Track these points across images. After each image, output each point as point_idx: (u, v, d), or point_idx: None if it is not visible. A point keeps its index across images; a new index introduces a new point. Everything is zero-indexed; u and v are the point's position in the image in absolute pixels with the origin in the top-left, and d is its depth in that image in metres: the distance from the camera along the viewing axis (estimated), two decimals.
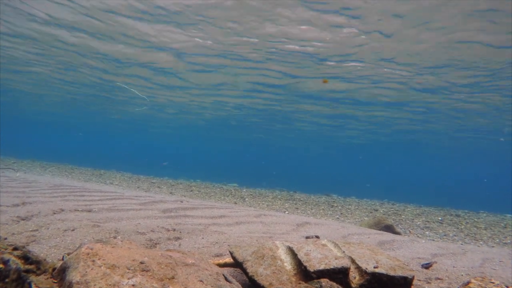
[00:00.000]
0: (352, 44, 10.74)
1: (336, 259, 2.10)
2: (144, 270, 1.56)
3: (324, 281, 1.85)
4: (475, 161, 36.86)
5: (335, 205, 11.43)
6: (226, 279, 1.84)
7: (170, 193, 10.28)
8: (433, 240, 6.15)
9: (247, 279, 2.32)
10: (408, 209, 12.00)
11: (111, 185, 10.22)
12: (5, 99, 29.68)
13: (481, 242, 6.56)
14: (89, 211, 4.35)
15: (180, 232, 3.73)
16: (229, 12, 9.50)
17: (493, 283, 1.96)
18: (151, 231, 3.62)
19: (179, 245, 3.26)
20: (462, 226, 8.61)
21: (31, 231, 3.14)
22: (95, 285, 1.37)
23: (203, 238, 3.60)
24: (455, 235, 7.24)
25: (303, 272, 2.04)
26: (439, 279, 2.82)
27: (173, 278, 1.59)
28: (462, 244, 5.54)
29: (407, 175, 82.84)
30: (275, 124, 27.97)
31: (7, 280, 1.12)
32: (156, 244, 3.21)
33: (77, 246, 2.82)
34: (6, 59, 16.13)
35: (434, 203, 17.14)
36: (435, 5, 7.98)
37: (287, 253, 2.27)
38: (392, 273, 2.03)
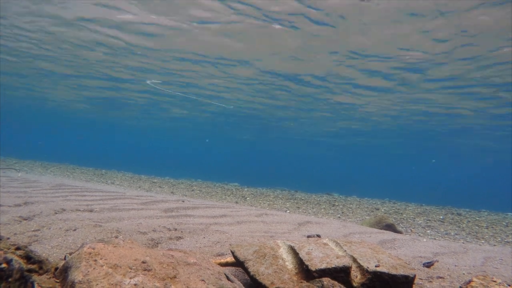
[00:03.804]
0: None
1: (337, 258, 2.10)
2: (146, 270, 1.56)
3: (326, 280, 1.85)
4: (476, 160, 36.78)
5: (336, 204, 11.43)
6: (227, 278, 1.84)
7: (172, 192, 10.29)
8: (435, 239, 6.14)
9: (248, 278, 2.32)
10: (409, 208, 11.99)
11: (112, 185, 10.24)
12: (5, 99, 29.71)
13: (482, 241, 6.55)
14: (91, 211, 4.36)
15: (182, 231, 3.74)
16: None
17: (495, 281, 1.96)
18: (153, 230, 3.62)
19: (181, 244, 3.27)
20: (464, 225, 8.60)
21: (33, 231, 3.15)
22: (97, 284, 1.37)
23: (204, 237, 3.60)
24: (457, 234, 7.23)
25: (305, 271, 2.04)
26: (440, 277, 2.81)
27: (175, 277, 1.59)
28: (463, 243, 5.53)
29: (408, 174, 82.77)
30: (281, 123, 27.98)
31: (10, 279, 1.12)
32: (157, 243, 3.21)
33: (79, 246, 2.83)
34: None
35: (435, 202, 17.13)
36: None
37: (289, 252, 2.27)
38: (393, 272, 2.03)
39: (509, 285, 1.91)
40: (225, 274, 1.87)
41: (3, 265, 1.11)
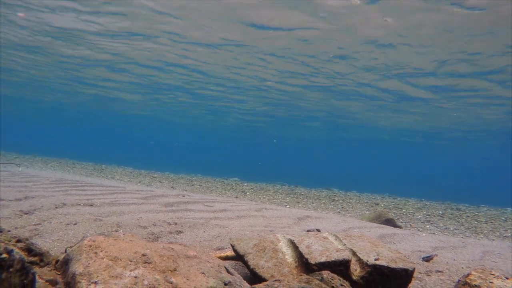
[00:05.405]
0: None
1: (337, 251, 2.11)
2: (146, 262, 1.57)
3: (325, 273, 1.86)
4: (476, 155, 36.78)
5: (336, 199, 11.46)
6: (227, 271, 1.85)
7: (172, 187, 10.31)
8: (434, 233, 6.16)
9: (248, 271, 2.33)
10: (409, 203, 12.02)
11: (113, 180, 10.26)
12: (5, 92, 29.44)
13: (481, 236, 6.57)
14: (91, 205, 4.37)
15: (182, 226, 3.75)
16: None
17: (493, 274, 1.97)
18: (153, 225, 3.64)
19: (181, 238, 3.28)
20: (463, 220, 8.62)
21: (34, 225, 3.16)
22: (98, 276, 1.38)
23: (204, 231, 3.62)
24: (456, 229, 7.26)
25: (305, 265, 2.05)
26: (439, 271, 2.83)
27: (175, 270, 1.60)
28: (462, 238, 5.55)
29: (408, 169, 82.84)
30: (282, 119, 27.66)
31: (11, 269, 1.13)
32: (157, 237, 3.22)
33: (80, 239, 2.84)
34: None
35: (435, 197, 17.16)
36: None
37: (288, 246, 2.28)
38: (393, 265, 2.04)
39: (507, 278, 1.92)
40: (225, 267, 1.87)
41: (4, 255, 1.12)
